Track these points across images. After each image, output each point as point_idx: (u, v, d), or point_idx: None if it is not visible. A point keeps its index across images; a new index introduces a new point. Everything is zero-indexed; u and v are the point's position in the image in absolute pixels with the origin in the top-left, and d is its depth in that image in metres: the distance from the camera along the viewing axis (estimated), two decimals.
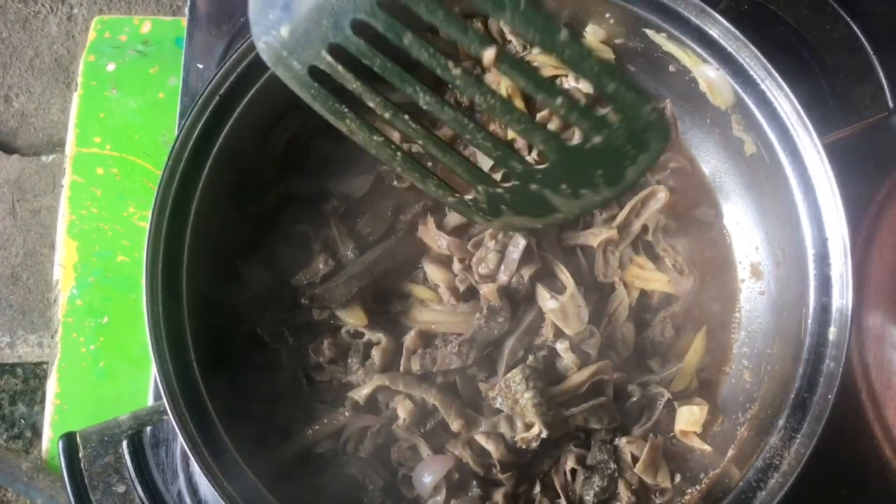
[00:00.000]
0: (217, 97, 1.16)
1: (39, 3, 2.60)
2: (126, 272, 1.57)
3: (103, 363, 1.53)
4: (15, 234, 2.39)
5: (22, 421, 2.30)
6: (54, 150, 2.50)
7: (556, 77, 1.31)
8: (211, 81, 1.15)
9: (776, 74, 1.15)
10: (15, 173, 2.43)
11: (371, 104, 0.97)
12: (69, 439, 1.10)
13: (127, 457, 1.11)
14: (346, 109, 0.99)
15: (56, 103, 2.55)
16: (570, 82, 1.30)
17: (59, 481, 1.56)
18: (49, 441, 1.51)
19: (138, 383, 1.50)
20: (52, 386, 1.53)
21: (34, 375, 2.33)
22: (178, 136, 1.15)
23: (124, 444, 1.11)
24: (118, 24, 1.69)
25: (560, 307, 1.19)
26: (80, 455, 1.10)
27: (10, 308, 2.33)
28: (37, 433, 2.25)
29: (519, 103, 1.27)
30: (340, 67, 0.94)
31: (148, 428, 1.14)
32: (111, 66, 1.65)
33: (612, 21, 1.26)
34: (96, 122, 1.62)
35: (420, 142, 1.00)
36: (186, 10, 1.51)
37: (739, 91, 1.19)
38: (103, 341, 1.54)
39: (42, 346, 2.29)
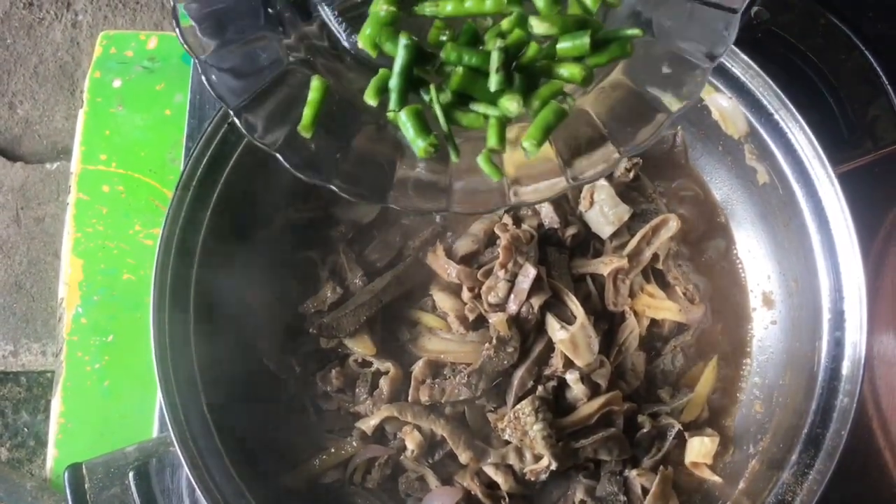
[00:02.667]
0: (226, 125, 1.15)
1: (44, 10, 2.58)
2: (132, 290, 1.56)
3: (108, 382, 1.52)
4: (19, 242, 2.38)
5: (25, 430, 2.29)
6: (59, 157, 2.49)
7: None
8: (220, 110, 1.14)
9: (790, 104, 1.14)
10: (19, 181, 2.42)
11: None
12: (75, 471, 1.09)
13: (133, 489, 1.10)
14: None
15: (60, 110, 2.54)
16: None
17: (63, 501, 1.55)
18: (53, 460, 1.50)
19: (143, 402, 1.49)
20: (56, 404, 1.52)
21: (37, 384, 2.32)
22: (186, 163, 1.15)
23: (130, 475, 1.10)
24: (124, 40, 1.67)
25: (570, 338, 1.18)
26: (86, 487, 1.09)
27: (14, 316, 2.32)
28: (40, 442, 2.25)
29: None
30: None
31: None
32: (117, 83, 1.63)
33: None
34: (102, 139, 1.61)
35: None
36: None
37: (752, 121, 1.18)
38: (108, 360, 1.53)
39: (46, 354, 2.28)
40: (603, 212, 1.27)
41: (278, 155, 0.84)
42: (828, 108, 1.27)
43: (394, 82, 0.82)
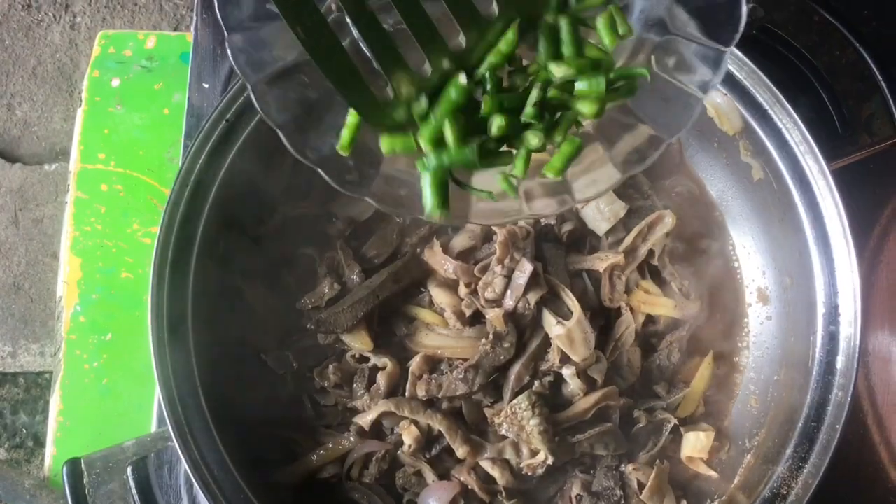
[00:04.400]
0: (224, 122, 1.16)
1: (42, 12, 2.58)
2: (130, 289, 1.56)
3: (107, 380, 1.53)
4: (17, 243, 2.38)
5: (24, 430, 2.28)
6: (57, 158, 2.49)
7: None
8: (218, 106, 1.15)
9: (784, 101, 1.15)
10: (17, 182, 2.42)
11: None
12: (74, 466, 1.09)
13: (131, 483, 1.10)
14: None
15: (59, 112, 2.54)
16: None
17: (61, 499, 1.55)
18: (52, 458, 1.51)
19: (142, 400, 1.49)
20: (54, 402, 1.52)
21: (36, 385, 2.31)
22: (184, 159, 1.15)
23: (129, 470, 1.10)
24: (123, 40, 1.68)
25: (566, 333, 1.19)
26: (84, 482, 1.09)
27: (12, 317, 2.31)
28: (38, 443, 2.24)
29: None
30: None
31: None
32: (116, 82, 1.64)
33: None
34: (101, 138, 1.62)
35: None
36: (192, 29, 1.50)
37: (747, 117, 1.18)
38: (106, 358, 1.53)
39: (44, 355, 2.28)
40: (599, 208, 1.28)
41: (320, 170, 0.86)
42: (822, 105, 1.28)
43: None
